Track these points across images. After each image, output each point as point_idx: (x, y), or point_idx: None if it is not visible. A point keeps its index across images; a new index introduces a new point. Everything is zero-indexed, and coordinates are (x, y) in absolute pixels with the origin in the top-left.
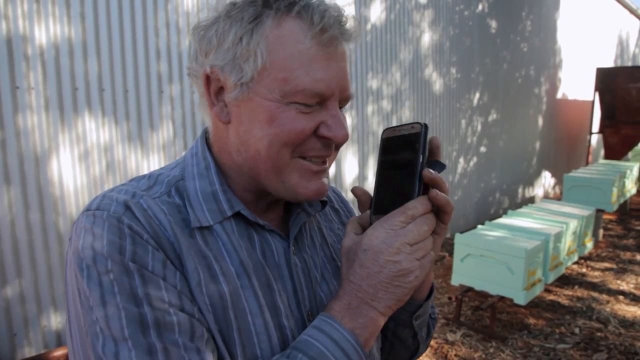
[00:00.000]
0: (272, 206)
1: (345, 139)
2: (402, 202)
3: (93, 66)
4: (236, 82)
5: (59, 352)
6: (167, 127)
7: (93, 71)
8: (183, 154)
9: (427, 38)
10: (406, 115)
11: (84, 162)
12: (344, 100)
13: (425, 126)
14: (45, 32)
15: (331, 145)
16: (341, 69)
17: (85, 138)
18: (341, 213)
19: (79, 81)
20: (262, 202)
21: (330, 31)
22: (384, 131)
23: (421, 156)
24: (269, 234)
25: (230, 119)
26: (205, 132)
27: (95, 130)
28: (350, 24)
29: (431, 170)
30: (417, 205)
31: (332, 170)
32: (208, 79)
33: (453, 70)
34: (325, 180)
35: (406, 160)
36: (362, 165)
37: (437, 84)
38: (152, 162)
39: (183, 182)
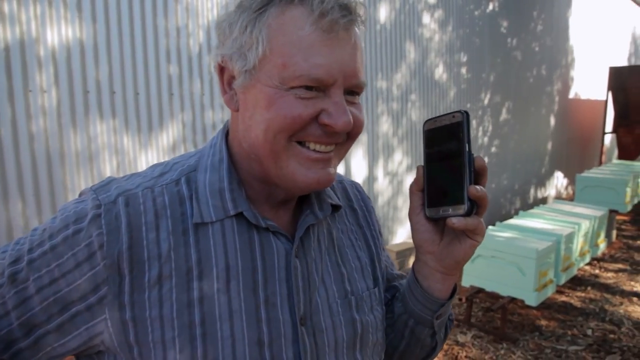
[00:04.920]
0: (284, 204)
1: (346, 126)
2: (454, 193)
3: (104, 69)
4: (241, 69)
5: None
6: (177, 129)
7: (104, 74)
8: None
9: (437, 39)
10: (416, 116)
11: (95, 164)
12: (352, 87)
13: (467, 114)
14: (57, 35)
15: (335, 134)
16: (345, 54)
17: (97, 141)
18: (359, 214)
19: (91, 84)
20: (273, 197)
21: (329, 16)
22: (425, 123)
23: (467, 145)
24: (273, 234)
25: (238, 107)
26: (228, 122)
27: (107, 133)
28: (353, 7)
29: (483, 159)
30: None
31: (341, 171)
32: (221, 68)
33: (463, 71)
34: (330, 170)
35: (452, 150)
36: (372, 166)
37: (447, 85)
38: None
39: (195, 174)
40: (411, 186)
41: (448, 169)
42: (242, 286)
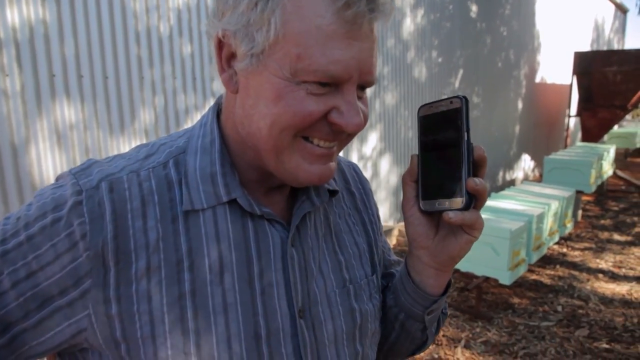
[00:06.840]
0: (278, 189)
1: (358, 128)
2: (451, 186)
3: (70, 52)
4: (246, 51)
5: None
6: (148, 113)
7: (70, 57)
8: None
9: (408, 22)
10: (389, 100)
11: (64, 150)
12: (365, 83)
13: (466, 99)
14: (18, 15)
15: (341, 133)
16: (364, 50)
17: (65, 126)
18: (356, 197)
19: (57, 67)
20: (267, 182)
21: (354, 7)
22: (420, 108)
23: (466, 134)
24: (268, 222)
25: (238, 89)
26: (221, 98)
27: (75, 117)
28: (381, 0)
29: (482, 149)
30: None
31: None
32: (220, 43)
33: (435, 55)
34: (332, 164)
35: (450, 139)
36: (346, 149)
37: (419, 69)
38: None
39: (184, 156)
40: (404, 176)
41: (445, 159)
42: (236, 278)
